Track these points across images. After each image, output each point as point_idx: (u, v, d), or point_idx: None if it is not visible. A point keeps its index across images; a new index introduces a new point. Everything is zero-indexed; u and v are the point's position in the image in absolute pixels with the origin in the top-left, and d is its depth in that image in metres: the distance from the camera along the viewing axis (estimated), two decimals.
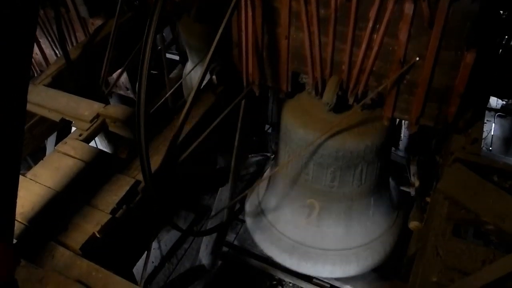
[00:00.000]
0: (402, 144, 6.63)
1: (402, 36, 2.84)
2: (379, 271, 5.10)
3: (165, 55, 5.80)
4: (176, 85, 4.37)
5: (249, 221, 4.41)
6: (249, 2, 3.20)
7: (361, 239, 3.94)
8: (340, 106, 3.39)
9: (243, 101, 3.77)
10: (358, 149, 3.52)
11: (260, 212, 4.24)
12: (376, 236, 4.00)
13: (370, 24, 2.89)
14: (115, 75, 5.67)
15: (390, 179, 4.35)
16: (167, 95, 4.07)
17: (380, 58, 3.05)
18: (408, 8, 2.70)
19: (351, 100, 3.37)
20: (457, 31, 2.68)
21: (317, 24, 3.09)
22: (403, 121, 6.82)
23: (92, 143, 3.68)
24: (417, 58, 2.90)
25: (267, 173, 4.78)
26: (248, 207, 4.51)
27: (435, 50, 2.79)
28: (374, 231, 3.99)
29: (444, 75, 2.91)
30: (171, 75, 6.51)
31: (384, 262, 4.04)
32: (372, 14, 2.83)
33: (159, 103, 3.81)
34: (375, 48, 2.98)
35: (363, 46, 3.02)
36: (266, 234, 4.13)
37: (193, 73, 4.98)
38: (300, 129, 3.61)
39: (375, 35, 2.94)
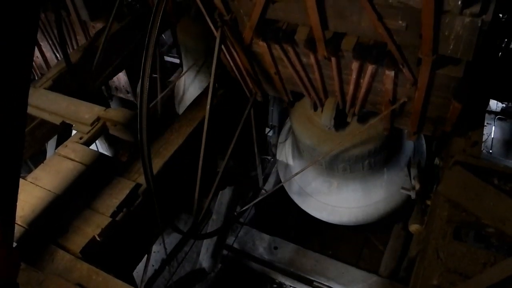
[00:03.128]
0: None
1: (388, 86, 2.81)
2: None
3: (163, 58, 5.80)
4: (166, 90, 4.37)
5: (288, 188, 4.89)
6: (230, 46, 3.19)
7: (378, 196, 4.32)
8: (339, 124, 3.50)
9: (251, 111, 3.82)
10: (363, 153, 3.78)
11: (295, 182, 4.76)
12: (393, 191, 4.31)
13: (354, 74, 2.84)
14: (115, 78, 5.69)
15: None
16: (156, 100, 4.07)
17: (371, 93, 3.05)
18: (389, 71, 2.65)
19: (349, 118, 3.45)
20: (442, 89, 2.65)
21: (301, 67, 3.07)
22: None
23: (93, 146, 3.68)
24: (406, 99, 2.89)
25: (287, 152, 4.98)
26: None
27: (422, 97, 2.76)
28: (390, 187, 4.31)
29: (435, 110, 2.93)
30: (171, 78, 6.51)
31: (402, 208, 4.42)
32: (355, 67, 2.77)
33: (152, 103, 3.82)
34: (364, 89, 2.96)
35: (351, 86, 2.99)
36: (303, 198, 4.70)
37: (186, 78, 4.96)
38: (307, 140, 3.93)
39: (362, 80, 2.90)
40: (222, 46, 3.09)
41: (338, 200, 4.44)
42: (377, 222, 4.58)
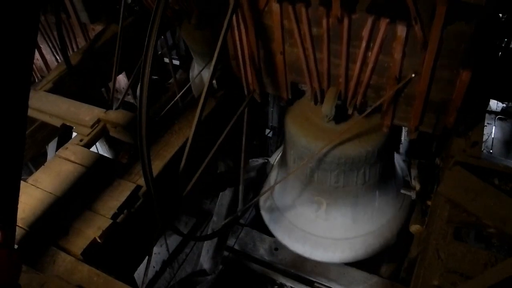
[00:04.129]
0: (402, 147, 6.61)
1: (397, 55, 2.82)
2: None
3: (171, 59, 5.80)
4: (184, 89, 4.36)
5: (264, 213, 4.63)
6: (241, 20, 3.20)
7: (368, 227, 4.13)
8: (339, 115, 3.42)
9: (246, 109, 3.79)
10: (360, 155, 3.61)
11: (274, 206, 4.51)
12: (383, 223, 4.14)
13: (364, 44, 2.86)
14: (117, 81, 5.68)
15: (396, 160, 4.47)
16: (176, 98, 4.06)
17: (376, 73, 3.04)
18: (401, 30, 2.66)
19: (350, 110, 3.40)
20: (452, 52, 2.65)
21: (310, 41, 3.07)
22: None
23: (93, 148, 3.69)
24: (413, 75, 2.89)
25: (273, 174, 4.84)
26: (263, 201, 4.70)
27: (430, 68, 2.76)
28: (380, 218, 4.14)
29: (441, 90, 2.91)
30: (172, 80, 6.52)
31: (392, 244, 4.23)
32: (365, 34, 2.80)
33: (166, 109, 3.80)
34: (371, 65, 2.97)
35: (358, 63, 3.00)
36: (281, 225, 4.41)
37: (202, 74, 4.96)
38: (302, 138, 3.72)
39: (370, 53, 2.92)
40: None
41: (324, 229, 4.17)
42: (364, 260, 4.32)
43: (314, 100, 3.52)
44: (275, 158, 5.07)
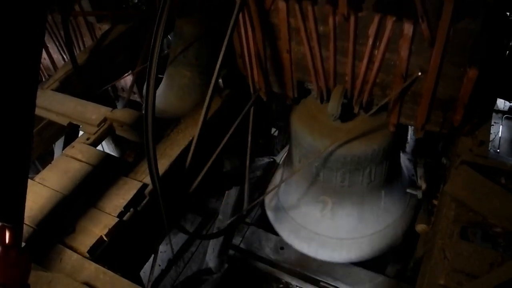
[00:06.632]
0: (409, 147, 6.58)
1: (403, 52, 2.80)
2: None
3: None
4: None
5: (269, 213, 4.67)
6: (247, 19, 3.20)
7: (374, 227, 4.14)
8: (345, 114, 3.41)
9: (252, 108, 3.79)
10: (366, 154, 3.59)
11: (279, 205, 4.53)
12: (389, 223, 4.14)
13: (370, 42, 2.85)
14: (122, 80, 5.71)
15: (402, 160, 4.46)
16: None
17: (382, 71, 3.02)
18: (408, 28, 2.64)
19: (356, 109, 3.39)
20: (459, 49, 2.63)
21: (316, 39, 3.07)
22: None
23: (100, 147, 3.71)
24: (419, 73, 2.86)
25: (278, 173, 4.87)
26: (268, 200, 4.73)
27: (437, 66, 2.74)
28: (386, 218, 4.14)
29: (448, 88, 2.88)
30: None
31: (397, 244, 4.25)
32: (372, 32, 2.78)
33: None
34: (377, 63, 2.95)
35: (365, 60, 2.98)
36: (286, 225, 4.41)
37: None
38: (308, 136, 3.71)
39: (376, 51, 2.90)
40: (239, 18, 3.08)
41: (330, 228, 4.18)
42: (370, 260, 4.32)
43: (320, 98, 3.53)
44: (281, 157, 5.06)
